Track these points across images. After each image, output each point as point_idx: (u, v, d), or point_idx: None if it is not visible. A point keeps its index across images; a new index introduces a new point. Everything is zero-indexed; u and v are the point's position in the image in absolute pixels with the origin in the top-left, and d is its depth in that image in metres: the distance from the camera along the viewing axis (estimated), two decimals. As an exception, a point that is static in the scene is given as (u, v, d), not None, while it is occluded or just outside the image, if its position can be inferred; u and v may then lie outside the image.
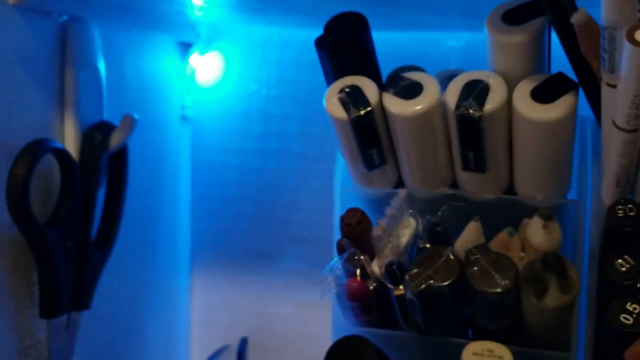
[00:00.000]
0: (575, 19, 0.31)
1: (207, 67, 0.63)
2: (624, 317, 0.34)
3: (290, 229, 0.63)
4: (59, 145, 0.46)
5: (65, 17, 0.47)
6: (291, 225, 0.63)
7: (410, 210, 0.42)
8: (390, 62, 0.43)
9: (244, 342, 0.64)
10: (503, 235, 0.39)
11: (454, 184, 0.42)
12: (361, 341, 0.39)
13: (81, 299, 0.50)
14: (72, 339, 0.50)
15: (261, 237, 0.64)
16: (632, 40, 0.28)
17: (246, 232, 0.64)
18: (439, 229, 0.42)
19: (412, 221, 0.42)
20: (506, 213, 0.40)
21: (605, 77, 0.32)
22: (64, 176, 0.47)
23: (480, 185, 0.41)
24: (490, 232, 0.40)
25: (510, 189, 0.41)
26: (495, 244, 0.40)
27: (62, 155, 0.47)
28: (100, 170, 0.50)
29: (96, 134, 0.50)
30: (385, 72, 0.43)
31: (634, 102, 0.31)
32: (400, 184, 0.43)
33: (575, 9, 0.31)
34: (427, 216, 0.41)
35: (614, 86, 0.32)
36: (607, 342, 0.35)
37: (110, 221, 0.52)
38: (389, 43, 0.48)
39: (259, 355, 0.64)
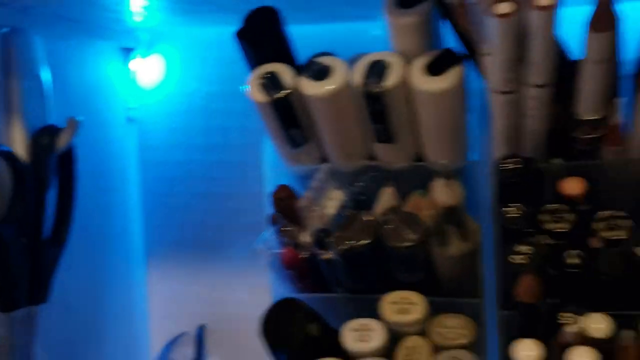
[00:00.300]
0: (451, -2, 0.36)
1: (149, 69, 0.66)
2: (516, 258, 0.38)
3: (239, 217, 0.66)
4: (6, 148, 0.49)
5: (7, 29, 0.50)
6: (240, 214, 0.66)
7: (335, 183, 0.46)
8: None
9: (201, 329, 0.67)
10: (415, 197, 0.44)
11: (373, 157, 0.47)
12: (293, 302, 0.43)
13: (39, 293, 0.52)
14: (32, 333, 0.52)
15: (213, 228, 0.67)
16: (494, 14, 0.33)
17: (198, 224, 0.67)
18: (362, 197, 0.46)
19: (338, 192, 0.47)
20: (419, 178, 0.44)
21: (482, 48, 0.37)
22: (14, 177, 0.50)
23: (394, 155, 0.45)
24: (406, 195, 0.45)
25: (422, 156, 0.46)
26: (409, 206, 0.44)
27: (10, 157, 0.50)
28: (49, 171, 0.53)
29: (43, 137, 0.53)
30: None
31: (507, 65, 0.36)
32: (325, 160, 0.48)
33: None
34: (351, 187, 0.46)
35: (490, 55, 0.36)
36: (505, 283, 0.40)
37: (63, 218, 0.55)
38: (316, 36, 0.52)
39: (217, 340, 0.67)
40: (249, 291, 0.67)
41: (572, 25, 0.36)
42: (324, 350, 0.42)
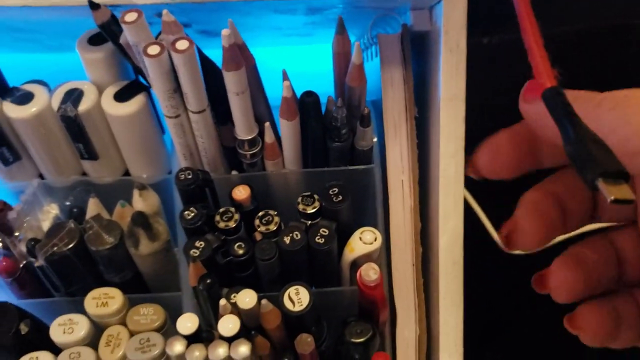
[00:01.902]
0: (121, 40, 0.44)
1: None
2: (194, 252, 0.46)
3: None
4: None
5: None
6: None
7: (49, 197, 0.51)
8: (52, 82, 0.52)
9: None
10: (118, 207, 0.50)
11: (84, 172, 0.53)
12: (4, 305, 0.47)
13: None
14: None
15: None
16: (146, 54, 0.41)
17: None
18: (75, 210, 0.52)
19: (54, 206, 0.52)
20: (125, 190, 0.51)
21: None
22: None
23: (101, 171, 0.52)
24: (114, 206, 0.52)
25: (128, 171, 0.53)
26: (115, 215, 0.51)
27: None
28: None
29: None
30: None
31: (166, 95, 0.44)
32: (41, 176, 0.53)
33: (120, 31, 0.43)
34: (64, 200, 0.51)
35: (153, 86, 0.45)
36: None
37: None
38: (32, 64, 0.57)
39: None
40: None
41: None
42: (35, 346, 0.47)
